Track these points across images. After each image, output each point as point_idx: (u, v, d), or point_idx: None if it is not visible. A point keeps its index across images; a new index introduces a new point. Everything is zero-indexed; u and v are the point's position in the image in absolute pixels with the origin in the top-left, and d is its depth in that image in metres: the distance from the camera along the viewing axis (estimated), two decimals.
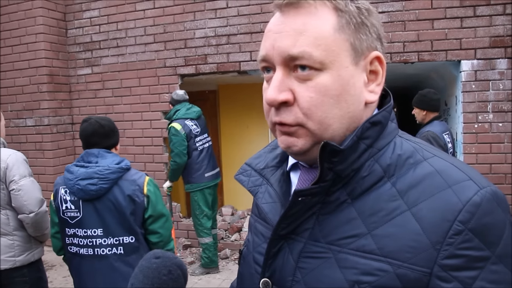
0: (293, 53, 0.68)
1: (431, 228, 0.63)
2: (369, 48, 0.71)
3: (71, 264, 2.25)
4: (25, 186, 2.45)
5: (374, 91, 0.73)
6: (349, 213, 0.70)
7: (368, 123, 0.71)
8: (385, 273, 0.65)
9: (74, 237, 2.16)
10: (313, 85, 0.68)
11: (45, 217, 2.55)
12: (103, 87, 5.71)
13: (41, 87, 5.54)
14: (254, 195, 0.86)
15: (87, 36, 5.73)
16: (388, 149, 0.72)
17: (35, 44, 5.50)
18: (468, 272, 0.61)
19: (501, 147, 4.25)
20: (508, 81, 4.20)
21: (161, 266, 0.76)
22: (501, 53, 4.20)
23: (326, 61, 0.68)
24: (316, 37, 0.67)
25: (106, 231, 2.12)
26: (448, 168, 0.68)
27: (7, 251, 2.46)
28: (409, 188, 0.67)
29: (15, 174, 2.44)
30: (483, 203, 0.63)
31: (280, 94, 0.69)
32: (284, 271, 0.74)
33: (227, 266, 4.88)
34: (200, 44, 5.19)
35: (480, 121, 4.29)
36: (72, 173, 2.15)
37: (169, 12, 5.29)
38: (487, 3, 4.20)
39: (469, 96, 4.31)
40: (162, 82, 5.39)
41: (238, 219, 5.66)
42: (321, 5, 0.69)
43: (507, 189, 4.24)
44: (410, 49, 4.44)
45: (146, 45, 5.43)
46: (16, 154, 2.52)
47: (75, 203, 2.14)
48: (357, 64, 0.70)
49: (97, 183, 2.09)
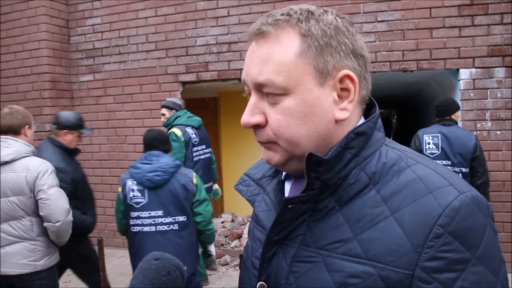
0: (259, 81, 0.73)
1: (412, 232, 0.66)
2: (337, 67, 0.73)
3: (133, 242, 2.80)
4: (53, 196, 2.52)
5: (346, 108, 0.74)
6: (337, 219, 0.73)
7: (352, 133, 0.74)
8: (370, 275, 0.68)
9: (137, 219, 2.75)
10: (279, 108, 0.73)
11: (70, 225, 2.64)
12: (105, 93, 5.75)
13: (43, 93, 5.58)
14: (252, 204, 0.90)
15: (90, 43, 5.79)
16: (374, 158, 0.75)
17: (38, 50, 5.56)
18: (448, 274, 0.64)
19: (499, 154, 4.28)
20: (506, 89, 4.25)
21: (160, 267, 0.78)
22: (499, 62, 4.25)
23: (289, 86, 0.72)
24: (278, 64, 0.72)
25: (165, 212, 2.73)
26: (430, 174, 0.71)
27: (28, 256, 2.54)
28: (393, 194, 0.70)
29: (44, 184, 2.50)
30: (463, 207, 0.65)
31: (252, 118, 0.75)
32: (278, 274, 0.78)
33: (227, 272, 4.89)
34: (201, 52, 5.24)
35: (479, 129, 4.33)
36: (139, 168, 2.74)
37: (170, 20, 5.35)
38: (485, 12, 4.26)
39: (467, 104, 4.36)
40: (163, 89, 5.44)
41: (238, 225, 5.67)
42: (286, 32, 0.72)
43: (506, 196, 4.27)
44: (409, 58, 4.49)
45: (148, 53, 5.48)
46: (46, 164, 2.57)
47: (141, 191, 2.73)
48: (323, 85, 0.73)
49: (161, 175, 2.70)
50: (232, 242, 5.40)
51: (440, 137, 3.76)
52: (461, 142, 3.69)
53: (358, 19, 4.60)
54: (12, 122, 2.61)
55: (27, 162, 2.54)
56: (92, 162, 5.88)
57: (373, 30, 4.56)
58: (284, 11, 0.74)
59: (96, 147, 5.86)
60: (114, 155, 5.75)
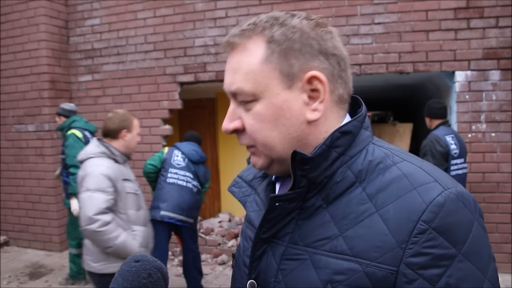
0: (232, 90, 0.78)
1: (396, 228, 0.67)
2: (303, 69, 0.74)
3: (163, 188, 3.93)
4: (83, 200, 2.46)
5: (317, 109, 0.76)
6: (323, 217, 0.75)
7: (338, 132, 0.75)
8: (355, 272, 0.69)
9: (175, 174, 3.97)
10: (252, 113, 0.77)
11: (96, 236, 2.41)
12: (103, 94, 5.77)
13: (42, 93, 5.61)
14: (243, 205, 0.92)
15: (88, 44, 5.81)
16: (360, 156, 0.76)
17: (37, 51, 5.58)
18: (433, 270, 0.64)
19: (494, 156, 4.32)
20: (501, 92, 4.28)
21: (141, 269, 0.76)
22: (494, 64, 4.28)
23: (257, 92, 0.75)
24: (245, 72, 0.76)
25: (193, 176, 4.07)
26: (415, 171, 0.72)
27: (88, 254, 2.56)
28: (378, 191, 0.71)
29: (83, 186, 2.49)
30: (447, 203, 0.66)
31: (231, 124, 0.80)
32: (267, 272, 0.80)
33: (224, 271, 4.91)
34: (200, 53, 5.27)
35: (474, 131, 4.36)
36: None
37: (169, 20, 5.37)
38: (480, 16, 4.29)
39: (463, 106, 4.39)
40: (161, 90, 5.46)
41: (235, 225, 5.70)
42: (252, 41, 0.76)
43: (500, 197, 4.31)
44: (405, 60, 4.52)
45: (146, 53, 5.51)
46: (98, 167, 2.50)
47: (183, 159, 4.05)
48: (291, 88, 0.75)
49: (198, 154, 4.14)
50: (229, 241, 5.43)
51: (455, 137, 3.90)
52: (462, 141, 3.95)
53: (355, 21, 4.63)
54: (109, 126, 2.63)
55: (87, 162, 2.57)
56: None
57: (370, 32, 4.59)
58: (251, 21, 0.78)
59: None
60: None
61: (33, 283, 4.70)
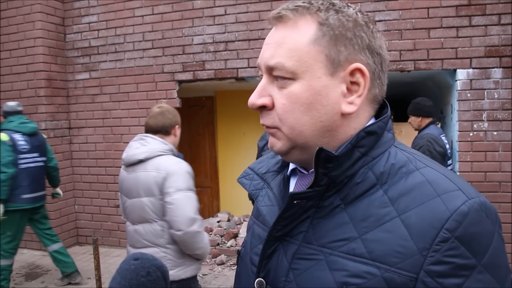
0: (270, 63, 0.74)
1: (418, 234, 0.65)
2: (349, 60, 0.73)
3: None
4: (178, 201, 2.25)
5: (353, 102, 0.74)
6: (342, 218, 0.73)
7: (363, 132, 0.73)
8: (373, 276, 0.67)
9: None
10: (286, 92, 0.74)
11: (196, 237, 2.30)
12: (100, 92, 5.72)
13: (38, 92, 5.55)
14: (255, 198, 0.89)
15: (86, 41, 5.75)
16: (383, 158, 0.74)
17: (34, 48, 5.52)
18: (453, 279, 0.63)
19: (496, 155, 4.28)
20: (503, 90, 4.25)
21: (139, 268, 0.75)
22: (496, 62, 4.25)
23: (298, 71, 0.72)
24: (291, 48, 0.73)
25: None
26: (438, 178, 0.70)
27: None
28: (400, 195, 0.70)
29: (171, 186, 2.26)
30: (471, 213, 0.64)
31: (259, 99, 0.76)
32: (278, 271, 0.77)
33: (223, 272, 4.87)
34: (198, 51, 5.22)
35: (475, 130, 4.33)
36: None
37: (167, 18, 5.32)
38: (482, 13, 4.25)
39: (464, 104, 4.36)
40: (159, 88, 5.41)
41: (234, 225, 5.65)
42: (304, 19, 0.73)
43: (502, 197, 4.27)
44: (406, 58, 4.48)
45: (144, 51, 5.45)
46: (180, 165, 2.35)
47: None
48: (333, 75, 0.73)
49: None
50: (228, 241, 5.39)
51: (445, 137, 3.92)
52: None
53: None
54: (164, 122, 2.47)
55: (159, 161, 2.33)
56: (87, 161, 5.85)
57: None
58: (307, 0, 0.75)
59: (92, 146, 5.82)
60: (110, 153, 5.72)
61: (29, 284, 4.65)
